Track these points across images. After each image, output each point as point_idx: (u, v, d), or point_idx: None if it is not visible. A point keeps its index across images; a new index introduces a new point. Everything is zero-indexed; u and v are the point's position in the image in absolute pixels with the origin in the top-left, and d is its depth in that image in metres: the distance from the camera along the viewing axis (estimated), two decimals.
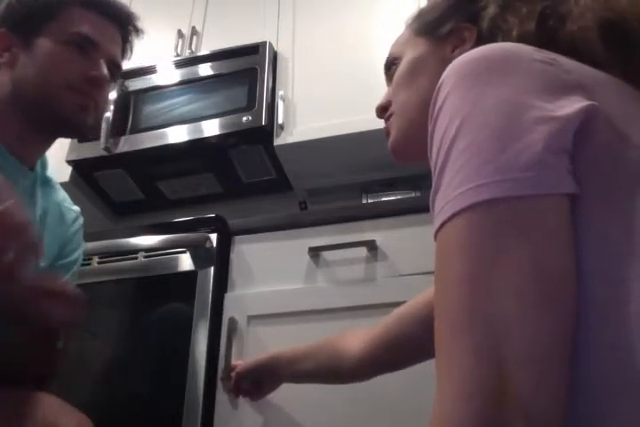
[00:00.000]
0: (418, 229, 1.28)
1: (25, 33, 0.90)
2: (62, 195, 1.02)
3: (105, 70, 0.91)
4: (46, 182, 0.97)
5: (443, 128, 0.45)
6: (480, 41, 0.60)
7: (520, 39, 0.55)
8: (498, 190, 0.39)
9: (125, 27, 0.98)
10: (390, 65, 0.74)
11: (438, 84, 0.48)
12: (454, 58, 0.49)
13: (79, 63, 0.89)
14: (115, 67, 0.95)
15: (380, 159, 1.85)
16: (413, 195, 1.87)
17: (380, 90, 0.82)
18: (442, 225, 0.42)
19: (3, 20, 0.92)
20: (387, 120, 0.73)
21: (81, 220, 1.05)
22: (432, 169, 0.46)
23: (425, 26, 0.71)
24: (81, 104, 0.89)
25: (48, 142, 0.95)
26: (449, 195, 0.42)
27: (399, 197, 1.85)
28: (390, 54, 0.74)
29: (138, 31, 1.00)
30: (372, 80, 1.83)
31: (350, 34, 1.96)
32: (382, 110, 0.75)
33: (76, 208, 1.05)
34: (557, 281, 0.38)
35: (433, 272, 0.42)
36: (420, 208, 1.31)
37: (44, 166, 0.98)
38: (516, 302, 0.37)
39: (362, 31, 1.96)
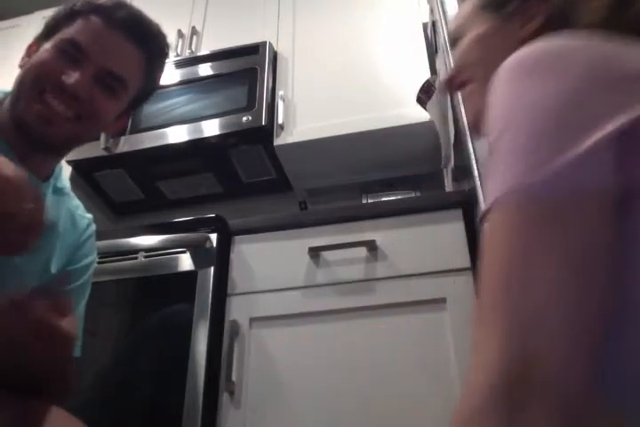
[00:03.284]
0: (418, 229, 1.28)
1: (41, 39, 0.87)
2: (76, 203, 1.00)
3: (80, 79, 0.82)
4: (58, 191, 0.94)
5: (494, 120, 0.47)
6: (549, 18, 0.60)
7: (592, 17, 0.55)
8: (536, 184, 0.41)
9: (141, 38, 0.89)
10: (456, 39, 0.73)
11: (494, 76, 0.49)
12: (523, 34, 0.49)
13: (59, 69, 0.82)
14: (113, 79, 0.86)
15: (380, 159, 1.86)
16: (413, 195, 1.87)
17: (379, 90, 0.82)
18: (486, 214, 0.44)
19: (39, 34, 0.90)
20: (459, 89, 0.72)
21: (93, 227, 1.02)
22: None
23: (491, 1, 0.69)
24: (45, 117, 0.81)
25: (51, 154, 0.89)
26: (493, 185, 0.44)
27: (399, 197, 1.85)
28: (454, 29, 0.73)
29: (161, 36, 0.92)
30: (371, 80, 1.84)
31: (350, 34, 1.96)
32: (449, 83, 0.74)
33: (89, 216, 1.02)
34: (589, 269, 0.40)
35: (432, 272, 0.43)
36: (419, 208, 1.31)
37: (58, 175, 0.95)
38: (549, 286, 0.39)
39: (362, 31, 1.96)
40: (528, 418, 0.36)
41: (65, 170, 0.98)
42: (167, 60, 0.97)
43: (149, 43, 0.90)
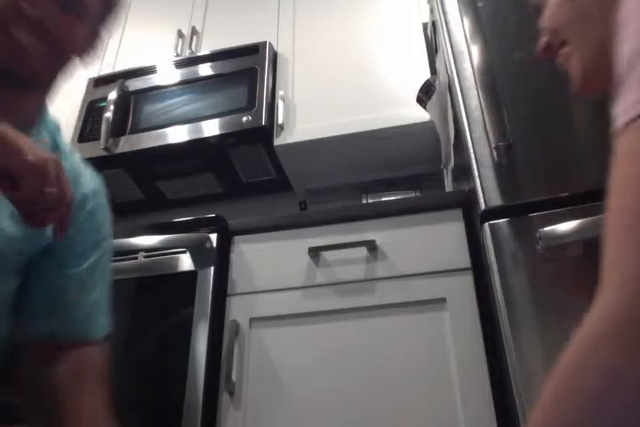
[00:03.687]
0: (418, 229, 1.28)
1: None
2: (83, 164, 0.92)
3: (43, 6, 0.77)
4: (54, 149, 0.86)
5: (630, 34, 0.45)
6: None
7: None
8: None
9: None
10: (539, 6, 0.70)
11: None
12: None
13: (19, 3, 0.76)
14: (73, 2, 0.80)
15: (380, 159, 1.86)
16: (413, 195, 1.87)
17: (379, 90, 0.81)
18: (626, 125, 0.42)
19: None
20: (556, 54, 0.70)
21: (102, 195, 0.92)
22: (619, 71, 0.45)
23: None
24: (12, 50, 0.76)
25: (30, 91, 0.83)
26: (627, 105, 0.41)
27: (399, 197, 1.85)
28: None
29: None
30: (371, 80, 1.84)
31: (350, 34, 1.96)
32: (548, 50, 0.71)
33: (98, 181, 0.93)
34: None
35: (432, 272, 0.43)
36: (419, 208, 1.31)
37: (50, 130, 0.88)
38: None
39: (362, 31, 1.96)
40: None
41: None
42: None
43: None
